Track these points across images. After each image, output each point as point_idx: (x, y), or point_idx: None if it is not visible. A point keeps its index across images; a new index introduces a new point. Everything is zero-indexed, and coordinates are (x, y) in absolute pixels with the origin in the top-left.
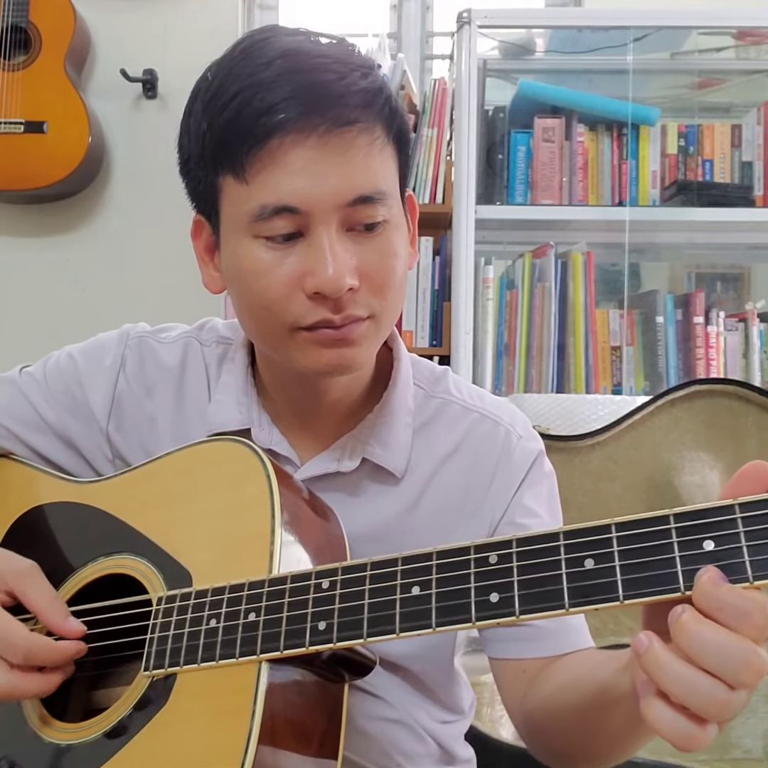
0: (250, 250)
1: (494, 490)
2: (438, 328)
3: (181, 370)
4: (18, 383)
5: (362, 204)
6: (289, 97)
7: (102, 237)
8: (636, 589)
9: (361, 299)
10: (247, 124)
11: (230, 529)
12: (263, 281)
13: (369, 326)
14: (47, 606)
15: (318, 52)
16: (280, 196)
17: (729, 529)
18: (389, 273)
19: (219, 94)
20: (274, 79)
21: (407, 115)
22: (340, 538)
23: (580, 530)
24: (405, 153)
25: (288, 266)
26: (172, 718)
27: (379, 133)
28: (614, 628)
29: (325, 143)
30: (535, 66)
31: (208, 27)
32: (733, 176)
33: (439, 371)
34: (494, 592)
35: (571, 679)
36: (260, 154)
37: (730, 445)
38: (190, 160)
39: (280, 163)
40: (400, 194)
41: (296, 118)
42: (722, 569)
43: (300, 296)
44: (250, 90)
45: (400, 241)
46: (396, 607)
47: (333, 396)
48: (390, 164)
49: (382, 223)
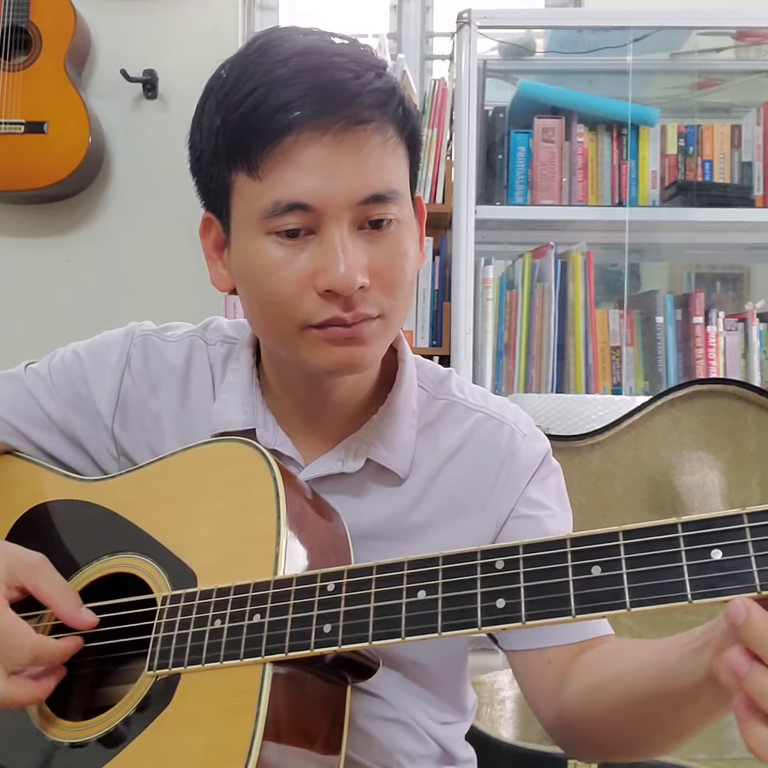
0: (262, 247)
1: (499, 488)
2: (438, 328)
3: (186, 369)
4: (23, 380)
5: (375, 203)
6: (305, 95)
7: (102, 237)
8: (643, 597)
9: (371, 298)
10: (263, 121)
11: (236, 530)
12: (275, 278)
13: (379, 325)
14: (60, 597)
15: (333, 50)
16: (294, 192)
17: (737, 539)
18: (399, 272)
19: (234, 91)
20: (290, 76)
21: (418, 116)
22: (344, 540)
23: (588, 537)
24: (416, 155)
25: (299, 263)
26: (175, 718)
27: (392, 133)
28: (613, 627)
29: (340, 141)
30: (535, 66)
31: (208, 27)
32: (733, 176)
33: (443, 373)
34: (500, 598)
35: (622, 669)
36: (274, 151)
37: (729, 444)
38: (202, 157)
39: (294, 160)
40: (410, 195)
41: (311, 116)
42: (730, 579)
43: (311, 294)
44: (266, 87)
45: (411, 241)
46: (402, 611)
47: (339, 397)
48: (402, 164)
49: (393, 221)
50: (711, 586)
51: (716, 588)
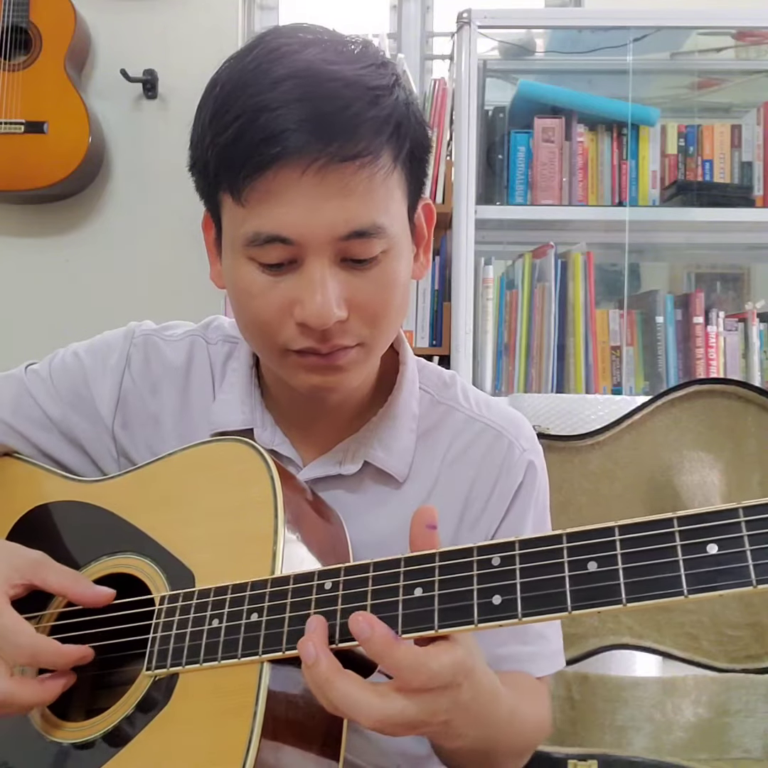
0: (245, 271)
1: (493, 502)
2: (438, 328)
3: (187, 369)
4: (23, 381)
5: (358, 238)
6: (289, 129)
7: (102, 237)
8: (639, 593)
9: (351, 329)
10: (246, 151)
11: (233, 530)
12: (256, 302)
13: (358, 353)
14: (72, 582)
15: (328, 74)
16: (274, 226)
17: (732, 533)
18: (383, 305)
19: (223, 110)
20: (279, 104)
21: (423, 125)
22: (342, 539)
23: (584, 533)
24: (419, 167)
25: (279, 291)
26: (173, 717)
27: (384, 161)
28: (613, 626)
29: (323, 178)
30: (535, 66)
31: (208, 27)
32: (733, 176)
33: (448, 376)
34: (497, 595)
35: None
36: (255, 184)
37: (729, 444)
38: (198, 163)
39: (276, 193)
40: (409, 213)
41: (294, 152)
42: (726, 573)
43: (290, 321)
44: (251, 114)
45: (399, 268)
46: (399, 609)
47: (336, 400)
48: (394, 191)
49: (379, 255)
50: (707, 580)
51: (712, 583)
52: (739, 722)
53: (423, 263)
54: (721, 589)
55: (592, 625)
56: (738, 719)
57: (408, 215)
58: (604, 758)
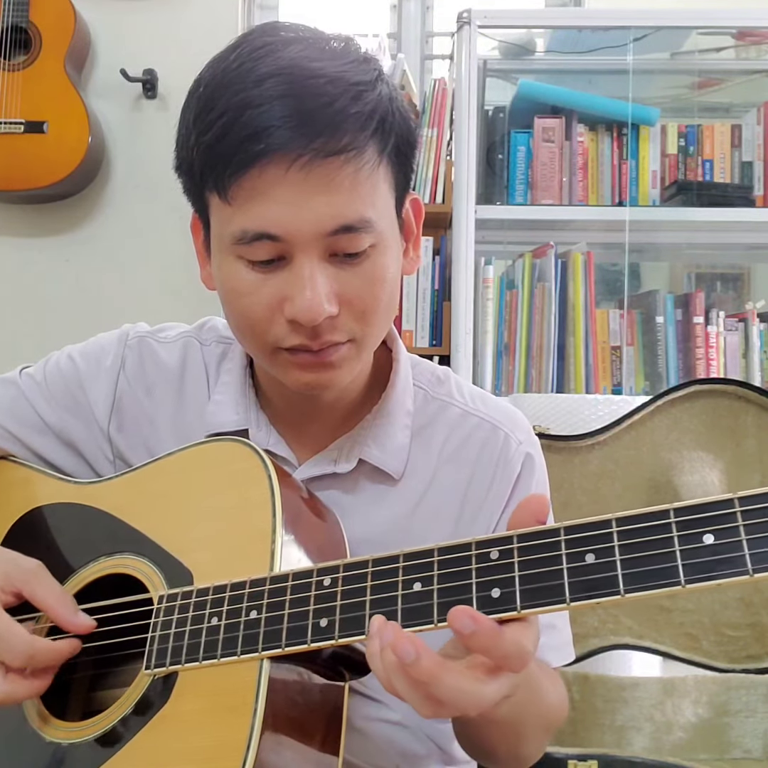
0: (234, 270)
1: (491, 496)
2: (438, 328)
3: (181, 370)
4: (18, 384)
5: (345, 233)
6: (273, 125)
7: (102, 237)
8: (637, 583)
9: (341, 325)
10: (230, 150)
11: (232, 529)
12: (245, 301)
13: (350, 349)
14: (56, 602)
15: (311, 71)
16: (261, 223)
17: (728, 523)
18: (372, 300)
19: (207, 109)
20: (262, 101)
21: (409, 119)
22: (339, 537)
23: (581, 525)
24: (405, 162)
25: (269, 289)
26: (173, 716)
27: (369, 156)
28: (613, 627)
29: (308, 173)
30: (535, 66)
31: (208, 27)
32: (733, 176)
33: (441, 372)
34: (496, 588)
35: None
36: (241, 181)
37: (730, 444)
38: (183, 164)
39: (261, 190)
40: (396, 208)
41: (278, 149)
42: (722, 563)
43: (280, 319)
44: (235, 111)
45: (389, 262)
46: (398, 603)
47: (329, 398)
48: (381, 186)
49: (368, 249)
50: (704, 570)
51: (709, 572)
52: (739, 722)
53: (413, 258)
54: (718, 579)
55: (592, 625)
56: (738, 719)
57: (396, 210)
58: (604, 758)
